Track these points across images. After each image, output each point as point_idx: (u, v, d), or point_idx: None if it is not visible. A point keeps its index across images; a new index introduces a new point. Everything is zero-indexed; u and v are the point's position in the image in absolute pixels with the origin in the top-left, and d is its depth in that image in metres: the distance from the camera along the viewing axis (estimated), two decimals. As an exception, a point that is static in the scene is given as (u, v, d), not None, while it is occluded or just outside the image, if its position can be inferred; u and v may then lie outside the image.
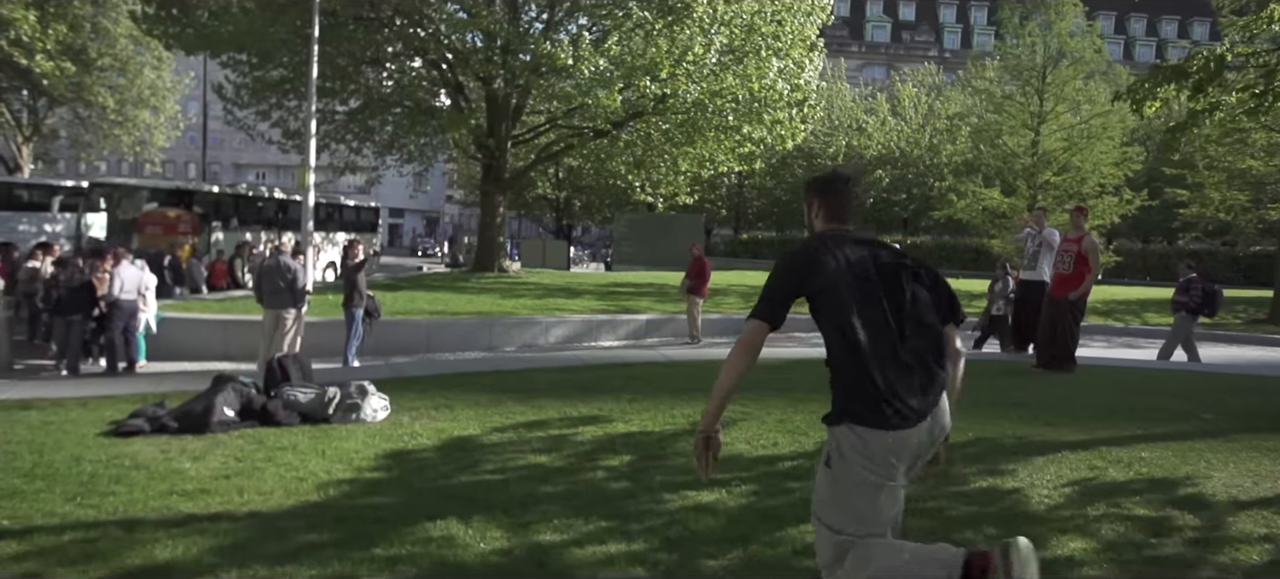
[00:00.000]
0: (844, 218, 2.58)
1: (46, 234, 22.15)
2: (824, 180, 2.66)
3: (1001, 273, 13.22)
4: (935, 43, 71.76)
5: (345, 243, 10.36)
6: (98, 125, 33.37)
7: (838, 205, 2.59)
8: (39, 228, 24.10)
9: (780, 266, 2.48)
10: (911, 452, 2.32)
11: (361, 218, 29.71)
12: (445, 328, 12.58)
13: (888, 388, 2.29)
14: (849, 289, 2.37)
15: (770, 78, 19.35)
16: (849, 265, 2.39)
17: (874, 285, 2.38)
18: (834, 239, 2.47)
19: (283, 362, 5.94)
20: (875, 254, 2.45)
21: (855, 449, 2.31)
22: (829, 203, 2.60)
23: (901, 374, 2.31)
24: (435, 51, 20.35)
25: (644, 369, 8.28)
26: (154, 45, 29.71)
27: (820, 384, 7.20)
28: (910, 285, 2.42)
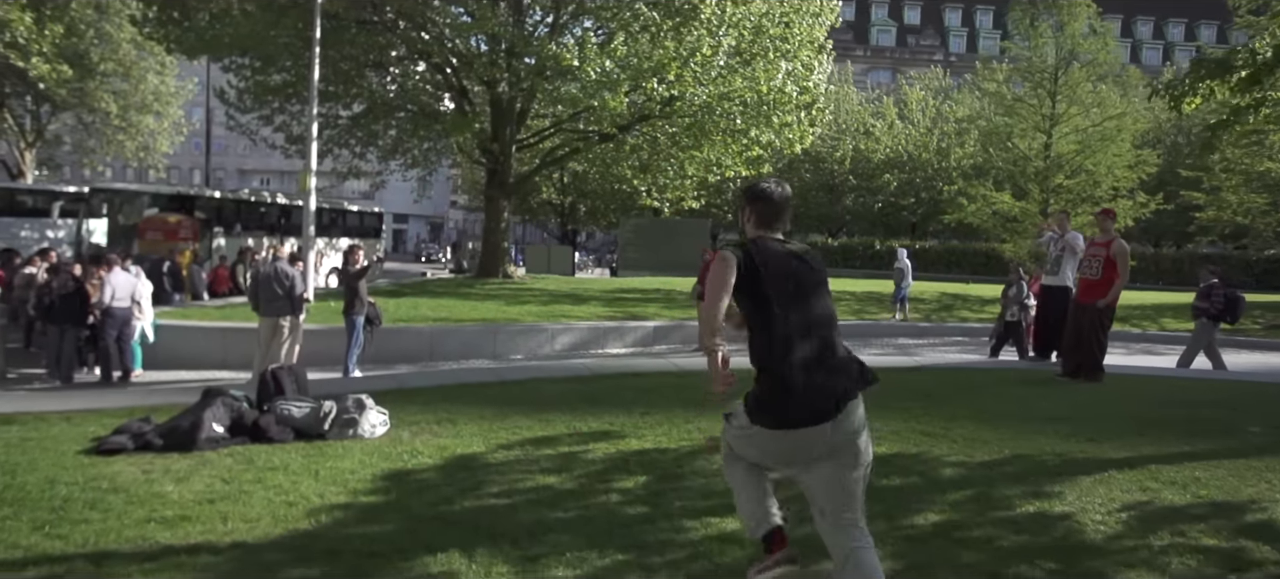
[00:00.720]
0: (772, 224, 2.80)
1: (49, 240, 22.01)
2: (756, 191, 2.86)
3: (1016, 278, 12.90)
4: (940, 46, 71.39)
5: (346, 248, 10.04)
6: (101, 131, 33.24)
7: (769, 213, 2.80)
8: (41, 234, 23.95)
9: (720, 266, 2.65)
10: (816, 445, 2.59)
11: (365, 223, 29.48)
12: (449, 335, 12.27)
13: (800, 382, 2.55)
14: (774, 287, 2.60)
15: (779, 80, 19.04)
16: (776, 267, 2.63)
17: (794, 285, 2.63)
18: (764, 244, 2.72)
19: (276, 373, 5.63)
20: (799, 258, 2.73)
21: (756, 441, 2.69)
22: (759, 210, 2.81)
23: (815, 366, 2.58)
24: (439, 55, 20.10)
25: (655, 379, 7.96)
26: (157, 50, 29.59)
27: None
28: (822, 288, 2.73)
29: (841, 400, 2.56)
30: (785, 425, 2.55)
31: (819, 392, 2.54)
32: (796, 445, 2.57)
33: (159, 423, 5.12)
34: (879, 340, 15.64)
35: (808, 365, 2.55)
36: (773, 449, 2.66)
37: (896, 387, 7.87)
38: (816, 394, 2.53)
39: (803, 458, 2.59)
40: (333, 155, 23.22)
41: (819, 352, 2.59)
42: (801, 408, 2.52)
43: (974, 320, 18.36)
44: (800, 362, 2.54)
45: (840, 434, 2.57)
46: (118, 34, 29.44)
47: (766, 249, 2.67)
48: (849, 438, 2.60)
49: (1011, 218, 23.42)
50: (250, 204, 23.03)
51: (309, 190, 14.27)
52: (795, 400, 2.52)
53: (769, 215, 2.79)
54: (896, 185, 36.86)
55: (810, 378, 2.53)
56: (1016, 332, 12.50)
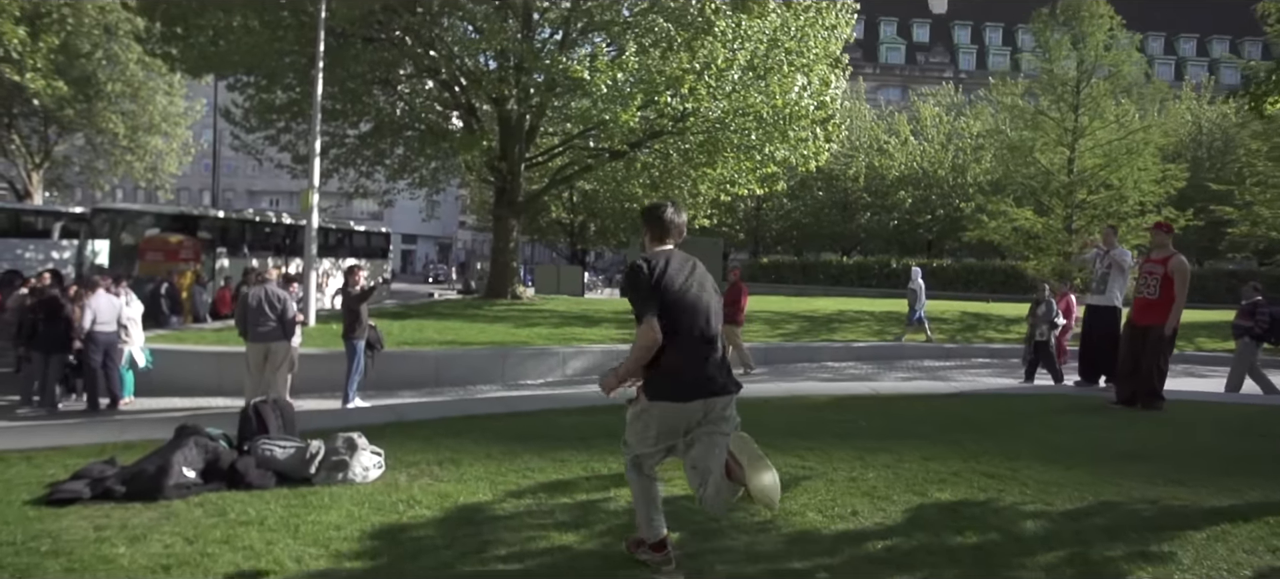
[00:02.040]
0: (665, 240, 3.29)
1: (54, 261, 21.64)
2: (651, 210, 3.35)
3: (1043, 296, 12.32)
4: (950, 64, 70.94)
5: (346, 268, 9.47)
6: (109, 152, 33.08)
7: (662, 230, 3.29)
8: (45, 255, 23.62)
9: (638, 280, 3.13)
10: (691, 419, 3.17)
11: (372, 243, 29.08)
12: (456, 360, 11.69)
13: (684, 370, 3.10)
14: (668, 293, 3.10)
15: (795, 93, 18.52)
16: (669, 277, 3.13)
17: (681, 292, 3.13)
18: (660, 257, 3.20)
19: (260, 409, 5.04)
20: (689, 267, 3.22)
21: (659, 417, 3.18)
22: (654, 228, 3.31)
23: (693, 360, 3.12)
24: (447, 72, 19.69)
25: (677, 409, 7.34)
26: (164, 71, 29.42)
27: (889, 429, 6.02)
28: (708, 293, 3.23)
29: (714, 385, 3.16)
30: (679, 400, 3.11)
31: (700, 375, 3.12)
32: (683, 415, 3.14)
33: (124, 466, 4.54)
34: (903, 363, 14.96)
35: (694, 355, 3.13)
36: (667, 423, 3.16)
37: (938, 416, 7.23)
38: (699, 376, 3.11)
39: (685, 426, 3.16)
40: (339, 175, 22.82)
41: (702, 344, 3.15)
42: (689, 388, 3.10)
43: (999, 341, 17.66)
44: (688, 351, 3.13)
45: (714, 407, 3.16)
46: (125, 54, 29.29)
47: (661, 260, 3.19)
48: (722, 417, 3.21)
49: (1033, 235, 22.75)
50: (255, 224, 22.62)
51: (311, 209, 13.79)
52: (685, 382, 3.09)
53: (660, 233, 3.31)
54: (912, 202, 36.21)
55: (688, 365, 3.11)
56: (1046, 352, 11.90)
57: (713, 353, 3.16)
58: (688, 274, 3.19)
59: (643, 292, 3.08)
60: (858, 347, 15.64)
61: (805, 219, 37.43)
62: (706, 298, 3.20)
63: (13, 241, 23.58)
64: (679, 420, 3.13)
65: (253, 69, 17.63)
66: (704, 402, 3.12)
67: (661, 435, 3.17)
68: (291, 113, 19.89)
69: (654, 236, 3.31)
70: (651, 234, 3.32)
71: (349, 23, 15.64)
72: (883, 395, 8.56)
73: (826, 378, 12.82)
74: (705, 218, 31.35)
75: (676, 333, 3.06)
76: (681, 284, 3.13)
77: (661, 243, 3.29)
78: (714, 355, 3.17)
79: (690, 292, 3.14)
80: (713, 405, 3.14)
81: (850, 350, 15.52)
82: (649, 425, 3.16)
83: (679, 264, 3.20)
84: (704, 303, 3.17)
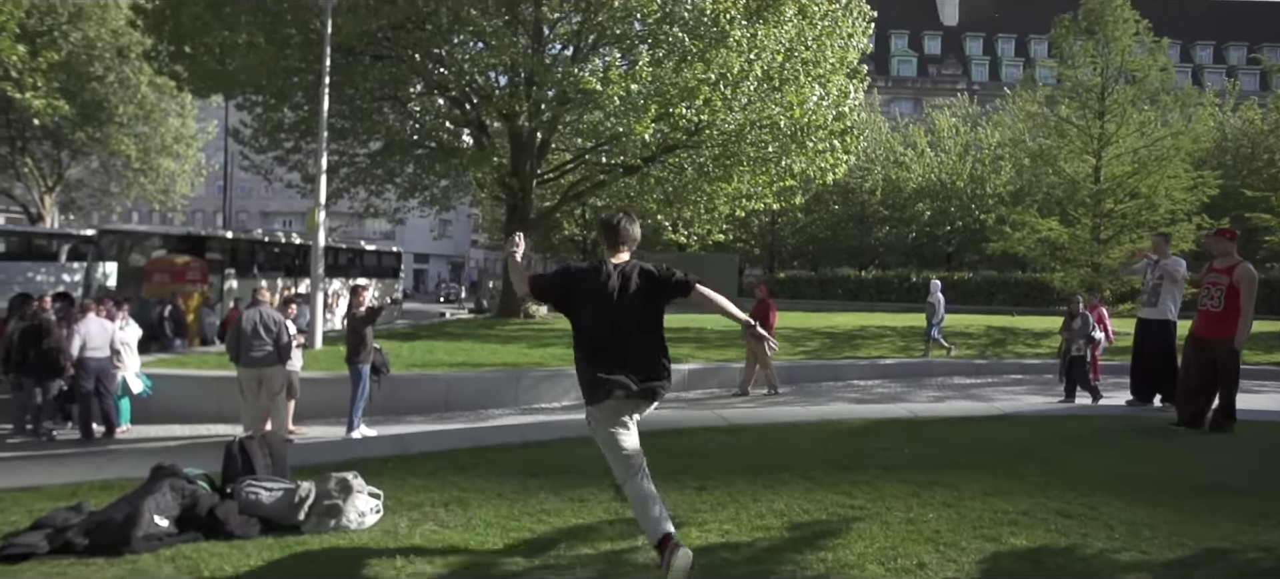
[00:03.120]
0: (619, 248, 3.57)
1: (65, 284, 21.42)
2: (605, 222, 3.66)
3: (1076, 308, 11.76)
4: (963, 75, 70.26)
5: (351, 288, 9.01)
6: (122, 174, 33.10)
7: (616, 239, 3.59)
8: (55, 277, 23.42)
9: (564, 269, 3.69)
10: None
11: (383, 263, 28.74)
12: (466, 383, 11.20)
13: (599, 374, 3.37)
14: (588, 297, 3.44)
15: (812, 104, 18.03)
16: (605, 282, 3.42)
17: (609, 297, 3.40)
18: (599, 265, 3.52)
19: (246, 445, 4.53)
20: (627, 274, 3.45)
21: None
22: (609, 238, 3.61)
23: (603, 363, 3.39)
24: (457, 89, 19.36)
25: (702, 438, 6.78)
26: (175, 93, 29.39)
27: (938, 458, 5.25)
28: (638, 300, 3.42)
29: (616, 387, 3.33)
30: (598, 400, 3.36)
31: (613, 376, 3.32)
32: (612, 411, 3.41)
33: (92, 512, 4.04)
34: (932, 381, 14.34)
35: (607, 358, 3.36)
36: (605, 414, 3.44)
37: (987, 442, 6.64)
38: (612, 377, 3.32)
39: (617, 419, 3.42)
40: (350, 194, 22.51)
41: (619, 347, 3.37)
42: (602, 389, 3.33)
43: (1030, 356, 17.00)
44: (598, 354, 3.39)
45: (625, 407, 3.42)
46: (136, 77, 29.26)
47: (600, 269, 3.44)
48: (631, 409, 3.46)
49: (1059, 246, 22.04)
50: (264, 244, 22.31)
51: (318, 227, 13.39)
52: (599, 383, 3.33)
53: (614, 241, 3.55)
54: (930, 215, 35.53)
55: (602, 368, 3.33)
56: (1082, 367, 11.32)
57: (624, 356, 3.34)
58: (618, 286, 3.40)
59: (557, 278, 3.63)
60: (884, 364, 15.02)
61: (821, 233, 36.79)
62: (624, 310, 3.38)
63: (23, 264, 23.43)
64: (614, 414, 3.41)
65: (260, 88, 17.34)
66: (618, 401, 3.35)
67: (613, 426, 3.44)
68: (300, 132, 19.61)
69: (609, 246, 3.60)
70: (607, 243, 3.60)
71: (356, 39, 15.31)
72: (921, 418, 7.98)
73: (854, 397, 12.23)
74: (720, 233, 30.85)
75: (582, 334, 3.42)
76: (602, 293, 3.38)
77: (616, 251, 3.57)
78: (625, 358, 3.34)
79: (608, 300, 3.38)
80: (625, 406, 3.40)
81: (876, 367, 14.91)
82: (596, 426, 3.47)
83: (612, 274, 3.44)
84: (613, 311, 3.37)
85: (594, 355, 3.35)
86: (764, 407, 10.95)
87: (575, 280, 3.50)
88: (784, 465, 5.56)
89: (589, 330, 3.40)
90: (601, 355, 3.33)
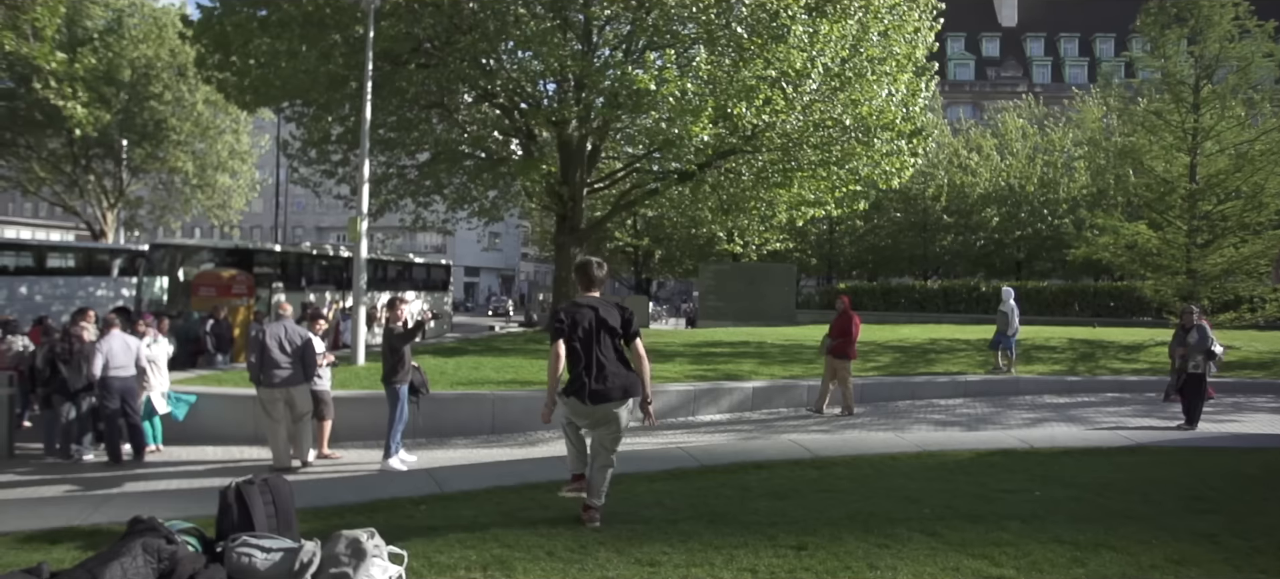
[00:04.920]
0: (591, 289, 4.68)
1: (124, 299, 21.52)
2: (581, 267, 4.78)
3: (1190, 321, 10.46)
4: (1023, 77, 67.49)
5: (387, 301, 8.25)
6: (180, 190, 33.68)
7: (588, 282, 4.69)
8: (115, 292, 23.66)
9: (560, 315, 4.63)
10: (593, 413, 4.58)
11: (432, 276, 28.35)
12: (514, 403, 10.38)
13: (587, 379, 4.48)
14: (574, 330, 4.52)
15: (880, 101, 16.85)
16: (580, 318, 4.53)
17: (590, 330, 4.51)
18: (581, 303, 4.60)
19: (244, 492, 3.71)
20: (599, 312, 4.56)
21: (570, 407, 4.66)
22: (583, 280, 4.71)
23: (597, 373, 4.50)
24: (506, 97, 18.74)
25: (787, 473, 5.78)
26: (231, 110, 29.71)
27: (1084, 505, 3.96)
28: (606, 333, 4.54)
29: (600, 397, 4.47)
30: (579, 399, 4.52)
31: (593, 388, 4.45)
32: (581, 412, 4.57)
33: (55, 573, 3.26)
34: (1021, 400, 13.01)
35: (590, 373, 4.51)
36: (578, 412, 4.59)
37: (1135, 482, 5.46)
38: (592, 389, 4.46)
39: (588, 420, 4.61)
40: (398, 206, 22.09)
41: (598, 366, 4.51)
42: (585, 394, 4.46)
43: (1127, 372, 15.49)
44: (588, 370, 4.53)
45: (599, 413, 4.52)
46: (192, 95, 29.69)
47: (579, 307, 4.58)
48: (606, 416, 4.53)
49: (1149, 252, 20.34)
50: (312, 257, 22.04)
51: (360, 238, 12.79)
52: (584, 390, 4.46)
53: (587, 283, 4.69)
54: (998, 221, 33.70)
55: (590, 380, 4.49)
56: (1200, 386, 10.05)
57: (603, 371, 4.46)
58: (592, 318, 4.50)
59: (558, 329, 4.52)
60: (965, 381, 13.73)
61: (882, 242, 35.21)
62: (603, 335, 4.50)
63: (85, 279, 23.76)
64: (582, 415, 4.55)
65: (306, 98, 16.96)
66: (598, 406, 4.46)
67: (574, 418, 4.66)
68: (347, 144, 19.23)
69: (583, 286, 4.65)
70: (581, 284, 4.66)
71: (399, 43, 14.74)
72: (1039, 450, 6.83)
73: (938, 419, 11.04)
74: (777, 242, 29.72)
75: (579, 358, 4.47)
76: (584, 326, 4.48)
77: (588, 290, 4.63)
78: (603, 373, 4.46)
79: (590, 331, 4.48)
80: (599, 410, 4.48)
81: (955, 385, 13.62)
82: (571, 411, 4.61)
83: (589, 309, 4.53)
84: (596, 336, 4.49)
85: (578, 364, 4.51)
86: (843, 430, 9.85)
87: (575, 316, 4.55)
88: (896, 514, 4.54)
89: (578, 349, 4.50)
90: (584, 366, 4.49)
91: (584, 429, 4.65)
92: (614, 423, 4.50)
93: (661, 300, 58.06)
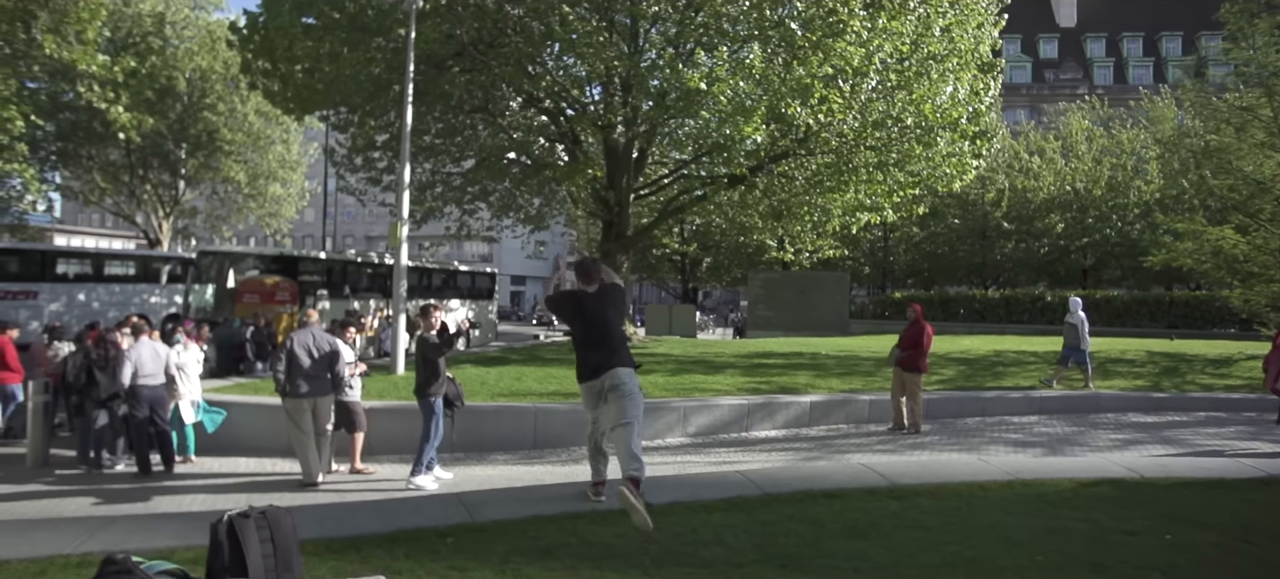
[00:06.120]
0: (590, 283, 5.31)
1: (177, 306, 21.71)
2: (582, 265, 5.47)
3: None
4: (1083, 79, 64.86)
5: (420, 308, 7.72)
6: (233, 200, 34.30)
7: (587, 278, 5.34)
8: (169, 299, 23.96)
9: (558, 299, 5.65)
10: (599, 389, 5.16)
11: (477, 284, 28.08)
12: (557, 416, 9.80)
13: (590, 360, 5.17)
14: (575, 316, 5.32)
15: (944, 100, 15.93)
16: (583, 305, 5.28)
17: (587, 312, 5.24)
18: (578, 293, 5.36)
19: (238, 528, 3.17)
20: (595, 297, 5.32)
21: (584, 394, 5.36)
22: (584, 276, 5.37)
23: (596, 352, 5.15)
24: (552, 102, 18.32)
25: (863, 504, 5.06)
26: (282, 120, 30.09)
27: (1248, 561, 2.75)
28: (603, 309, 5.29)
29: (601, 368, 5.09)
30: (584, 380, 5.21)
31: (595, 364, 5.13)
32: (592, 390, 5.16)
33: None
34: (1103, 418, 11.94)
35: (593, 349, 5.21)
36: (590, 394, 5.22)
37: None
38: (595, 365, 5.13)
39: (599, 397, 5.14)
40: (441, 213, 21.85)
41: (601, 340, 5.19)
42: (589, 371, 5.15)
43: (1219, 388, 14.25)
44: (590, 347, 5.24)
45: (609, 383, 5.07)
46: (244, 106, 30.15)
47: (583, 294, 5.31)
48: (614, 386, 5.06)
49: (1238, 259, 18.90)
50: (357, 265, 21.89)
51: (400, 243, 12.42)
52: (587, 369, 5.16)
53: (586, 278, 5.34)
54: (1062, 227, 32.11)
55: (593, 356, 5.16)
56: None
57: (607, 347, 5.19)
58: (597, 301, 5.32)
59: (568, 310, 5.46)
60: (1039, 396, 12.70)
61: (939, 249, 33.86)
62: (607, 315, 5.32)
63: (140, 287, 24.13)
64: (593, 394, 5.20)
65: (347, 102, 16.78)
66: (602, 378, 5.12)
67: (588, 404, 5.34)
68: (392, 151, 19.03)
69: (583, 280, 5.40)
70: (582, 280, 5.40)
71: (435, 45, 14.39)
72: (1151, 479, 5.96)
73: (1016, 440, 10.12)
74: (830, 249, 28.71)
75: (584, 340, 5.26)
76: (590, 309, 5.29)
77: (588, 284, 5.38)
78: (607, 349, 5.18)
79: (596, 313, 5.27)
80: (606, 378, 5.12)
81: (1029, 401, 12.60)
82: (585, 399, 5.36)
83: (593, 295, 5.34)
84: (602, 317, 5.27)
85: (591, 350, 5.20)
86: (912, 451, 9.03)
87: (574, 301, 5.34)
88: (1001, 560, 3.80)
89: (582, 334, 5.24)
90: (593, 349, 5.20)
91: (599, 415, 5.21)
92: (620, 388, 5.02)
93: (708, 310, 57.15)
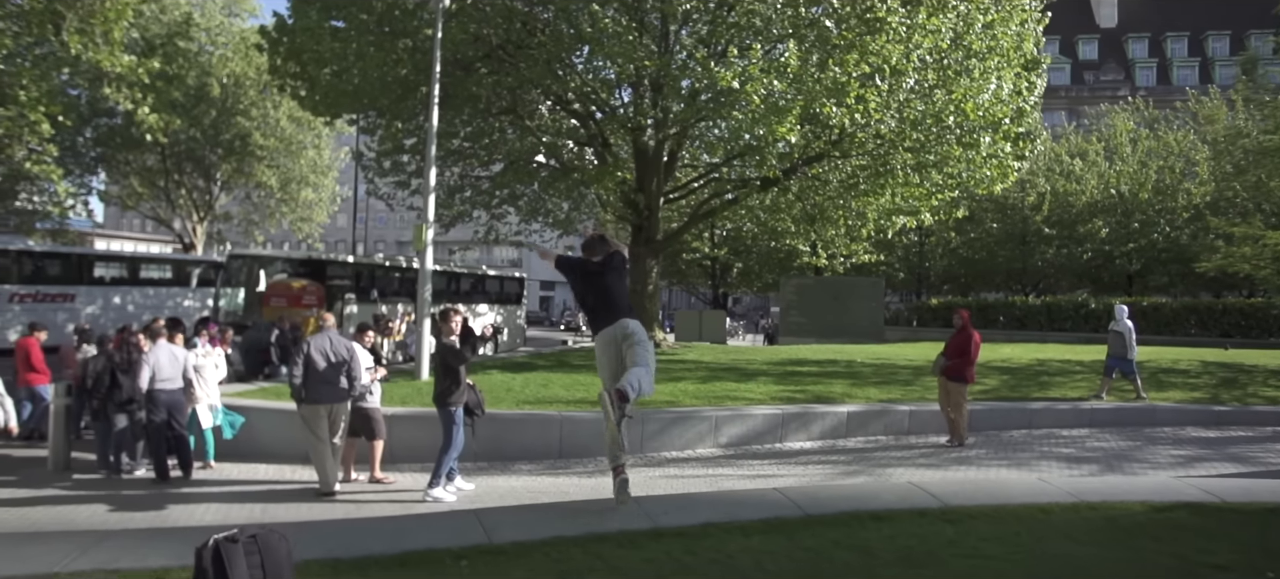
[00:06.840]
0: (592, 255, 5.78)
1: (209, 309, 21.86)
2: (593, 241, 5.86)
3: None
4: (1125, 81, 63.03)
5: (439, 312, 7.41)
6: (264, 204, 34.67)
7: (587, 248, 5.83)
8: (201, 303, 24.15)
9: (566, 262, 6.04)
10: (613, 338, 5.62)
11: (506, 289, 27.94)
12: (583, 425, 9.45)
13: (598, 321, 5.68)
14: (579, 281, 5.83)
15: (986, 98, 15.33)
16: (586, 272, 5.77)
17: (589, 279, 5.75)
18: (583, 260, 5.84)
19: (224, 553, 2.85)
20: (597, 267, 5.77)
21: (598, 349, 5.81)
22: (584, 249, 5.85)
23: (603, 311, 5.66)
24: (581, 104, 18.04)
25: (914, 528, 4.61)
26: (314, 125, 30.28)
27: None
28: (604, 277, 5.73)
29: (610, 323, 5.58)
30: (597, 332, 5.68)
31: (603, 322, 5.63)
32: (606, 343, 5.63)
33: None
34: (1160, 432, 11.26)
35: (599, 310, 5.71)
36: (604, 344, 5.67)
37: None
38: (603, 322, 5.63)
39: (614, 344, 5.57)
40: (469, 217, 21.69)
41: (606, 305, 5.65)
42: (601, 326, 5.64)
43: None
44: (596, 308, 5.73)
45: (620, 332, 5.54)
46: (276, 112, 30.41)
47: (588, 262, 5.79)
48: (626, 335, 5.50)
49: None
50: (385, 268, 21.84)
51: (425, 245, 12.18)
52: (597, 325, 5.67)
53: (587, 249, 5.81)
54: (1107, 231, 31.04)
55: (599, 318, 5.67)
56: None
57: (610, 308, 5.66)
58: (598, 269, 5.73)
59: (573, 274, 5.90)
60: (1090, 409, 12.06)
61: (977, 255, 32.94)
62: (608, 282, 5.73)
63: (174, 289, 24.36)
64: (608, 343, 5.62)
65: (374, 104, 16.66)
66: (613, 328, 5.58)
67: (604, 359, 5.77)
68: (420, 154, 18.90)
69: (588, 254, 5.82)
70: (587, 253, 5.82)
71: (462, 46, 14.17)
72: (1235, 505, 5.42)
73: (1068, 455, 9.54)
74: (864, 254, 28.03)
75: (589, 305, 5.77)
76: (593, 276, 5.74)
77: (593, 255, 5.80)
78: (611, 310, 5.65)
79: (597, 281, 5.72)
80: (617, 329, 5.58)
81: (1078, 413, 11.96)
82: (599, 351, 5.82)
83: (596, 265, 5.76)
84: (603, 284, 5.71)
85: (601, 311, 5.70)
86: (958, 466, 8.52)
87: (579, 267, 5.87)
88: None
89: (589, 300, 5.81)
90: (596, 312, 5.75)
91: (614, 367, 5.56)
92: (631, 337, 5.45)
93: (738, 316, 56.51)
